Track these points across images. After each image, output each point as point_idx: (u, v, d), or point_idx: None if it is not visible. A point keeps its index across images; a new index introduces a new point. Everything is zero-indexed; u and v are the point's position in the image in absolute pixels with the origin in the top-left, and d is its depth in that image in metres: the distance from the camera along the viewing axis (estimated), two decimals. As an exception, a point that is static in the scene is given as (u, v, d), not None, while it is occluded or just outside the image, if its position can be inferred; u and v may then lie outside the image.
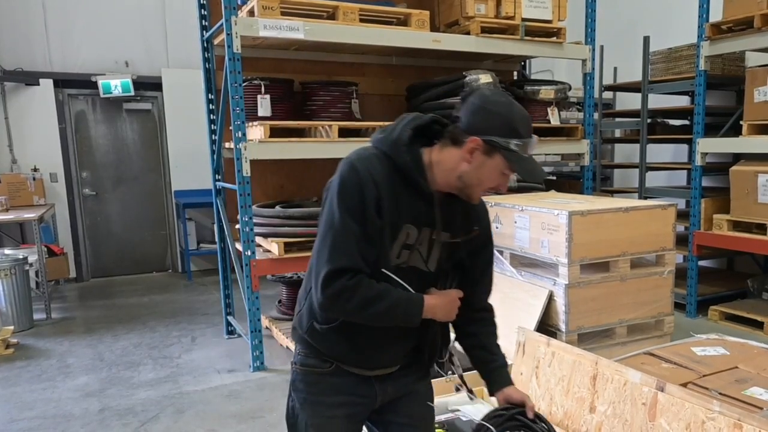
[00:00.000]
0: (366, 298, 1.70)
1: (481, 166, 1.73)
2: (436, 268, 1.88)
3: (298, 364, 1.94)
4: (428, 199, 1.77)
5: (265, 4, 4.46)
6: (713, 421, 2.42)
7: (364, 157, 1.75)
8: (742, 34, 5.26)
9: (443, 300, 1.84)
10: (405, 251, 1.79)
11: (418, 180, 1.75)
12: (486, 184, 1.77)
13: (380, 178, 1.70)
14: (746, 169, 5.39)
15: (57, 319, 6.47)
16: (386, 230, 1.72)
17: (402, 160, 1.74)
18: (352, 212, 1.68)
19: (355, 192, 1.69)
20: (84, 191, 8.31)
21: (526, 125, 1.74)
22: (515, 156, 1.71)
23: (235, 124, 4.50)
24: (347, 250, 1.68)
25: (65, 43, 7.85)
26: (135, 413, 4.14)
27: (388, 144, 1.77)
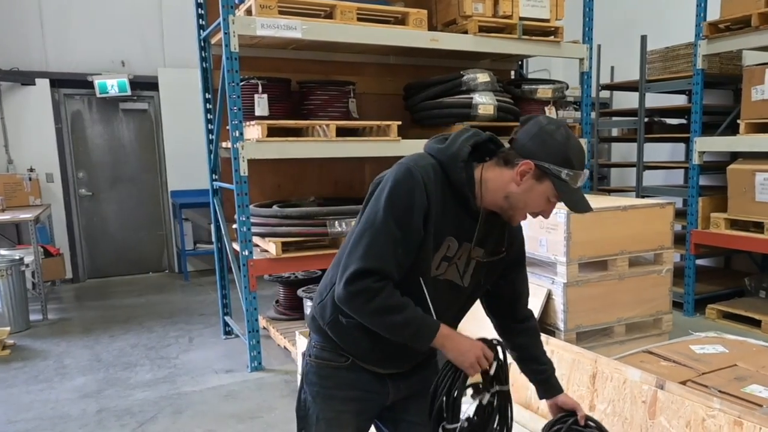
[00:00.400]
0: (385, 306, 1.69)
1: (529, 190, 1.74)
2: (470, 284, 1.89)
3: (313, 356, 1.94)
4: (474, 215, 1.79)
5: (262, 3, 4.45)
6: (713, 418, 2.41)
7: (422, 165, 1.74)
8: (740, 33, 5.27)
9: (462, 343, 1.79)
10: (444, 263, 1.80)
11: (468, 196, 1.76)
12: (531, 208, 1.79)
13: (433, 188, 1.71)
14: (744, 167, 5.40)
15: (53, 320, 6.44)
16: (430, 240, 1.74)
17: (457, 176, 1.75)
18: (398, 217, 1.68)
19: (405, 197, 1.69)
20: (80, 191, 8.28)
21: (580, 158, 1.76)
22: (564, 185, 1.72)
23: (232, 124, 4.49)
24: (382, 253, 1.68)
25: (61, 43, 7.82)
26: (133, 414, 4.12)
27: (446, 156, 1.77)
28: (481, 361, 1.77)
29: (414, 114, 5.59)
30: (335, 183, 6.06)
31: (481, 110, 5.13)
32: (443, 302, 1.84)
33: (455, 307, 1.94)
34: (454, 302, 1.91)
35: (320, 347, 1.92)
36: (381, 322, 1.72)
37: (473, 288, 1.92)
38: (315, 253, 4.85)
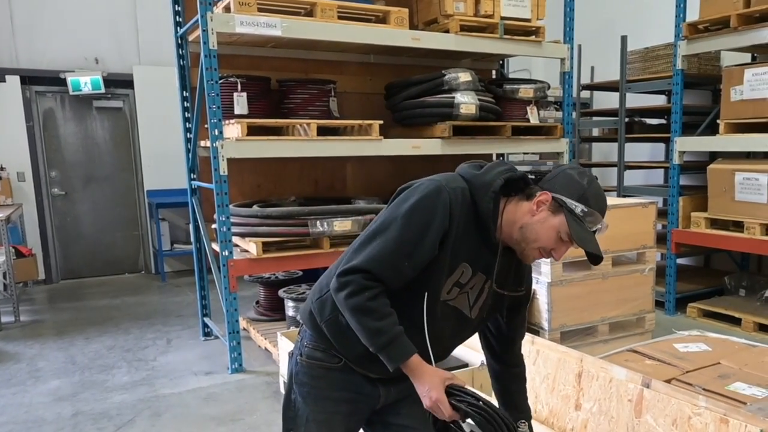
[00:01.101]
0: (365, 306, 1.68)
1: (543, 222, 1.75)
2: (477, 317, 1.90)
3: (305, 356, 1.91)
4: (492, 248, 1.80)
5: (241, 0, 4.38)
6: (699, 416, 2.42)
7: (453, 187, 1.75)
8: (719, 34, 5.32)
9: (424, 383, 1.73)
10: (456, 289, 1.81)
11: (490, 227, 1.77)
12: (542, 242, 1.77)
13: (458, 211, 1.73)
14: (723, 167, 5.45)
15: (26, 322, 6.30)
16: (446, 262, 1.75)
17: (485, 206, 1.76)
18: (413, 230, 1.69)
19: (427, 213, 1.70)
20: (53, 191, 8.12)
21: (599, 202, 1.78)
22: (577, 221, 1.74)
23: (211, 123, 4.41)
24: (385, 259, 1.69)
25: (32, 39, 7.65)
26: (110, 417, 4.03)
27: (479, 184, 1.78)
28: (435, 411, 1.73)
29: (395, 113, 5.56)
30: (316, 182, 6.01)
31: (463, 110, 5.11)
32: (448, 329, 1.86)
33: (458, 337, 1.95)
34: (458, 332, 1.92)
35: (312, 347, 1.89)
36: (357, 321, 1.70)
37: (478, 321, 1.94)
38: (296, 253, 4.80)
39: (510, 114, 5.60)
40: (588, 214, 1.73)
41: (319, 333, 1.87)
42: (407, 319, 1.75)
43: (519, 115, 5.61)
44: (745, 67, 5.23)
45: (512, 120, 5.55)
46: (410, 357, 1.70)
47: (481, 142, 5.42)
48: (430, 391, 1.69)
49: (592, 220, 1.74)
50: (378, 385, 1.91)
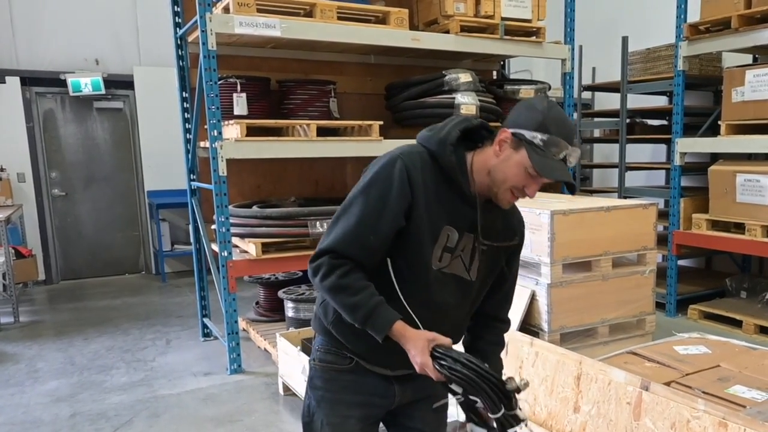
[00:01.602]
0: (339, 285, 1.68)
1: (507, 160, 1.70)
2: (479, 278, 1.85)
3: (317, 360, 1.91)
4: (470, 202, 1.75)
5: (240, 1, 4.37)
6: (698, 419, 2.40)
7: (408, 153, 1.74)
8: (720, 35, 5.30)
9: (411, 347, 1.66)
10: (447, 254, 1.76)
11: (461, 181, 1.74)
12: (511, 181, 1.71)
13: (419, 175, 1.70)
14: (725, 168, 5.43)
15: (25, 323, 6.29)
16: (424, 230, 1.71)
17: (447, 161, 1.73)
18: (372, 204, 1.69)
19: (383, 185, 1.69)
20: (53, 191, 8.11)
21: (561, 127, 1.69)
22: (538, 152, 1.66)
23: (210, 123, 4.40)
24: (348, 236, 1.68)
25: (33, 40, 7.65)
26: (108, 418, 4.02)
27: (435, 142, 1.76)
28: (423, 371, 1.65)
29: (395, 114, 5.55)
30: (316, 183, 6.00)
31: (464, 110, 5.09)
32: (450, 297, 1.80)
33: (463, 305, 1.87)
34: (462, 299, 1.85)
35: (324, 350, 1.89)
36: (335, 301, 1.71)
37: (481, 282, 1.87)
38: (296, 254, 4.78)
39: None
40: (550, 143, 1.65)
41: (328, 335, 1.87)
42: (401, 294, 1.74)
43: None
44: (746, 69, 5.21)
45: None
46: (393, 324, 1.66)
47: (482, 143, 5.39)
48: (416, 356, 1.64)
49: (555, 148, 1.66)
50: (393, 383, 1.88)
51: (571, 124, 1.77)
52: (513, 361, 3.26)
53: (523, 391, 1.67)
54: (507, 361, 3.24)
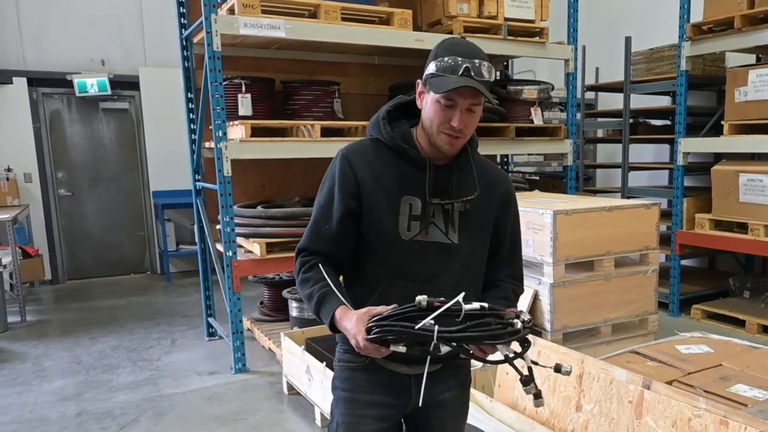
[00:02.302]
0: (301, 279, 1.79)
1: (426, 105, 1.74)
2: (464, 241, 1.81)
3: (337, 360, 1.93)
4: (424, 167, 1.77)
5: (245, 2, 4.40)
6: (699, 418, 2.42)
7: (349, 146, 1.85)
8: (723, 35, 5.31)
9: (347, 329, 1.62)
10: (415, 223, 1.77)
11: (406, 149, 1.78)
12: (436, 121, 1.71)
13: (363, 161, 1.79)
14: (727, 168, 5.43)
15: (32, 322, 6.33)
16: (381, 205, 1.76)
17: (385, 135, 1.81)
18: (324, 197, 1.82)
19: (329, 178, 1.83)
20: (59, 191, 8.16)
21: (455, 47, 1.70)
22: (437, 78, 1.68)
23: (215, 124, 4.43)
24: (312, 233, 1.83)
25: (39, 41, 7.70)
26: (114, 417, 4.05)
27: (371, 126, 1.86)
28: (371, 354, 1.57)
29: (399, 114, 5.56)
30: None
31: (467, 110, 5.10)
32: (437, 265, 1.78)
33: (456, 270, 1.80)
34: (452, 265, 1.79)
35: (342, 350, 1.90)
36: (301, 296, 1.81)
37: (470, 245, 1.82)
38: (299, 254, 4.79)
39: (514, 115, 5.61)
40: (443, 66, 1.66)
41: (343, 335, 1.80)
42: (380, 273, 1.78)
43: (523, 116, 5.62)
44: (749, 68, 5.21)
45: (516, 121, 5.55)
46: (334, 311, 1.67)
47: (485, 143, 5.41)
48: (353, 339, 1.58)
49: (450, 66, 1.65)
50: (411, 383, 1.81)
51: (469, 44, 1.74)
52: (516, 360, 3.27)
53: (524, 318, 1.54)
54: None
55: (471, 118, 1.72)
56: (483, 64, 1.68)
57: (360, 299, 1.74)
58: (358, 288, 1.82)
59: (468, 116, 1.71)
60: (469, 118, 1.72)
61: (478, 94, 1.67)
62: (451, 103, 1.68)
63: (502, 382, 3.39)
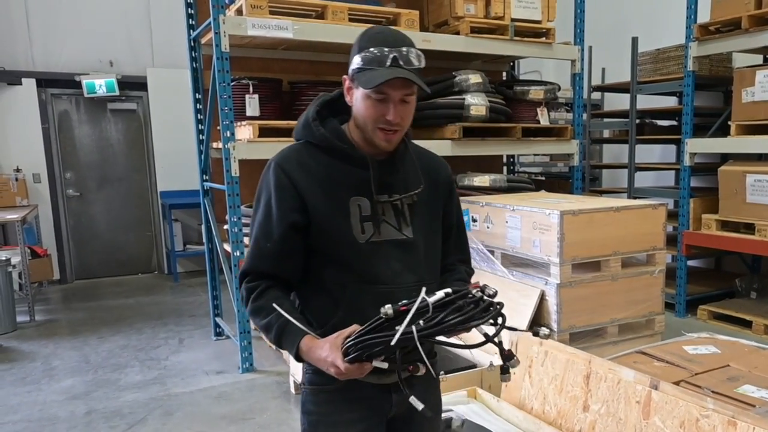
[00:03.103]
0: (253, 308, 1.68)
1: (356, 102, 1.67)
2: (419, 233, 1.76)
3: (306, 383, 1.80)
4: (365, 165, 1.69)
5: (253, 3, 4.42)
6: (707, 418, 2.41)
7: (280, 154, 1.75)
8: (730, 35, 5.30)
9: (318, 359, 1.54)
10: (367, 224, 1.69)
11: (343, 147, 1.70)
12: (369, 117, 1.64)
13: (299, 168, 1.69)
14: (734, 169, 5.43)
15: (41, 322, 6.38)
16: (330, 211, 1.67)
17: (318, 135, 1.72)
18: (261, 214, 1.71)
19: (265, 193, 1.71)
20: (68, 192, 8.21)
21: (375, 39, 1.62)
22: (364, 73, 1.60)
23: (223, 124, 4.46)
24: (254, 253, 1.71)
25: (48, 42, 7.75)
26: (122, 416, 4.08)
27: (301, 129, 1.77)
28: (352, 376, 1.51)
29: (406, 114, 5.57)
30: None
31: (473, 111, 5.13)
32: (400, 264, 1.72)
33: (416, 264, 1.76)
34: (412, 260, 1.74)
35: (312, 371, 1.75)
36: (256, 326, 1.70)
37: (425, 237, 1.78)
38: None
39: (520, 115, 5.61)
40: (368, 59, 1.59)
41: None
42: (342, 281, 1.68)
43: (529, 116, 5.62)
44: (756, 69, 5.20)
45: (522, 121, 5.56)
46: (300, 341, 1.58)
47: (492, 143, 5.43)
48: (331, 367, 1.50)
49: (376, 57, 1.58)
50: (390, 392, 1.76)
51: (393, 31, 1.68)
52: (522, 360, 3.28)
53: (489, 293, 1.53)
54: (517, 360, 3.27)
55: (406, 110, 1.66)
56: (411, 51, 1.61)
57: (325, 312, 1.70)
58: (321, 300, 1.72)
59: (403, 108, 1.64)
60: (404, 110, 1.65)
61: (410, 83, 1.60)
62: (383, 97, 1.61)
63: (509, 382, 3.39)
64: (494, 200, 4.71)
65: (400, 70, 1.58)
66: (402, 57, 1.59)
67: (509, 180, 5.72)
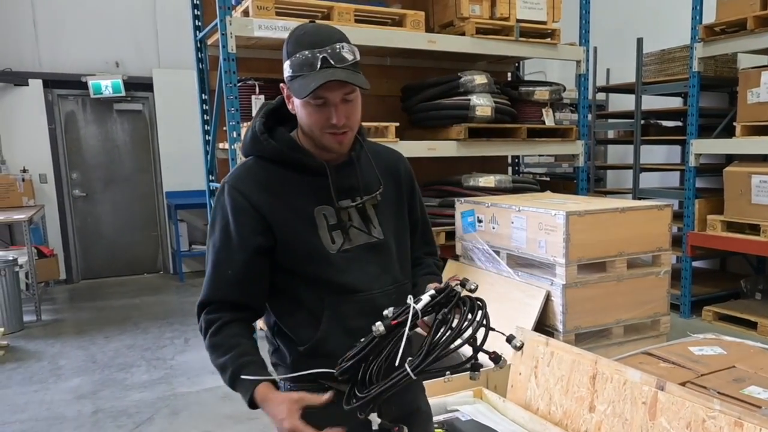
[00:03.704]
0: (209, 345, 1.60)
1: (297, 109, 1.59)
2: (388, 233, 1.72)
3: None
4: (323, 172, 1.63)
5: (259, 5, 4.44)
6: (714, 419, 2.42)
7: (231, 174, 1.66)
8: (736, 36, 5.30)
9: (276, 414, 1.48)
10: (336, 233, 1.63)
11: (297, 157, 1.62)
12: (314, 123, 1.56)
13: (250, 185, 1.60)
14: (740, 170, 5.42)
15: (47, 321, 6.41)
16: (297, 226, 1.60)
17: (269, 149, 1.63)
18: (219, 240, 1.61)
19: (221, 217, 1.61)
20: (74, 192, 8.24)
21: (302, 41, 1.53)
22: (297, 80, 1.52)
23: (229, 125, 4.48)
24: (214, 283, 1.62)
25: (55, 43, 7.78)
26: (129, 415, 4.10)
27: (249, 144, 1.68)
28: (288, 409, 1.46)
29: (411, 115, 5.60)
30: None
31: (479, 112, 5.13)
32: (375, 267, 1.67)
33: (391, 265, 1.72)
34: (386, 262, 1.70)
35: (298, 389, 1.64)
36: (212, 363, 1.60)
37: (395, 235, 1.75)
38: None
39: (525, 116, 5.62)
40: (297, 63, 1.51)
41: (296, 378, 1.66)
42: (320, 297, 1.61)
43: (534, 117, 5.63)
44: (762, 70, 5.20)
45: (528, 122, 5.56)
46: (253, 392, 1.50)
47: (497, 144, 5.44)
48: (284, 423, 1.45)
49: (306, 61, 1.50)
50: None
51: (317, 28, 1.59)
52: (528, 360, 3.29)
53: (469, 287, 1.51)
54: (522, 360, 3.29)
55: (350, 108, 1.57)
56: (342, 47, 1.53)
57: (306, 329, 1.63)
58: (300, 318, 1.65)
59: (347, 107, 1.56)
60: (349, 109, 1.57)
61: (349, 84, 1.53)
62: (322, 101, 1.53)
63: (515, 383, 3.40)
64: (499, 201, 4.72)
65: (332, 71, 1.50)
66: (333, 56, 1.51)
67: (514, 181, 5.73)
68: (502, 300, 4.24)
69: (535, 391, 3.22)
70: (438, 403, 3.04)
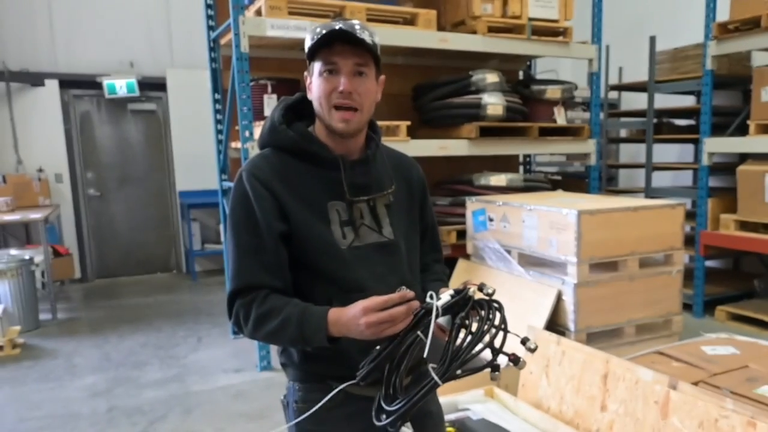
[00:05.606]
0: (258, 316, 1.55)
1: (313, 90, 1.63)
2: (399, 234, 1.73)
3: (300, 401, 1.70)
4: (337, 166, 1.64)
5: (272, 4, 4.46)
6: (726, 419, 2.41)
7: (250, 163, 1.67)
8: (749, 34, 5.26)
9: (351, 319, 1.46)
10: (347, 228, 1.64)
11: (314, 149, 1.65)
12: (324, 95, 1.59)
13: (269, 173, 1.61)
14: (753, 168, 5.39)
15: (63, 320, 6.47)
16: (310, 219, 1.61)
17: (287, 140, 1.66)
18: (244, 227, 1.60)
19: (243, 204, 1.60)
20: (89, 192, 8.31)
21: (328, 23, 1.59)
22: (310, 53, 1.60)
23: (242, 124, 4.50)
24: (242, 268, 1.59)
25: (70, 44, 7.85)
26: (143, 413, 4.14)
27: (267, 135, 1.70)
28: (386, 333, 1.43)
29: (423, 114, 5.60)
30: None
31: (491, 110, 5.13)
32: (384, 267, 1.68)
33: (399, 266, 1.73)
34: (394, 262, 1.71)
35: (305, 390, 1.70)
36: (270, 337, 1.57)
37: (405, 237, 1.76)
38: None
39: (537, 115, 5.60)
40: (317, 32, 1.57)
41: (306, 374, 1.70)
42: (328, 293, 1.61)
43: (546, 116, 5.61)
44: (776, 68, 5.17)
45: (539, 121, 5.55)
46: (326, 318, 1.49)
47: (508, 143, 5.43)
48: (362, 325, 1.42)
49: (324, 28, 1.56)
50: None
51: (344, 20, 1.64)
52: (540, 359, 3.29)
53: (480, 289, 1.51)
54: (533, 359, 3.29)
55: (361, 83, 1.58)
56: (358, 24, 1.57)
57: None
58: None
59: (356, 80, 1.57)
60: (359, 83, 1.58)
61: (361, 51, 1.55)
62: (333, 67, 1.56)
63: (526, 382, 3.41)
64: (511, 199, 4.71)
65: (346, 33, 1.53)
66: (347, 26, 1.54)
67: (526, 179, 5.72)
68: (513, 299, 4.24)
69: (546, 390, 3.22)
70: (449, 401, 3.05)
